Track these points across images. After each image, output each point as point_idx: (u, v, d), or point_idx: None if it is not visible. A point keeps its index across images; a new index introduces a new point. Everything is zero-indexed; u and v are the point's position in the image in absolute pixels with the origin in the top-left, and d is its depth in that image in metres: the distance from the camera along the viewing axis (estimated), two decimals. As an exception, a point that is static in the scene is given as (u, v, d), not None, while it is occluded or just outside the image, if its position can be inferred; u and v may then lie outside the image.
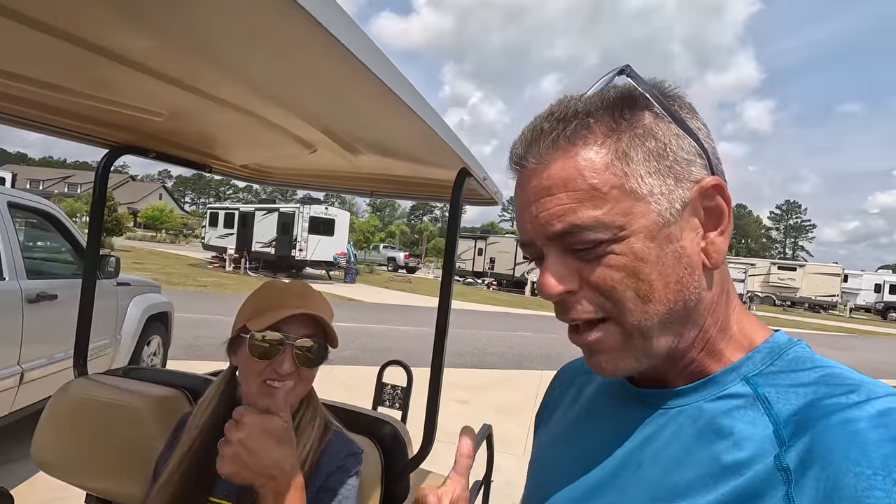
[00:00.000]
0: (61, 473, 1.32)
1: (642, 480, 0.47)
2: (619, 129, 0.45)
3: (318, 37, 0.62)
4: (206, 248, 23.47)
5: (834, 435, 0.38)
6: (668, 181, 0.45)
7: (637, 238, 0.44)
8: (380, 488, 1.15)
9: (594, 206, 0.44)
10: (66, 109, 1.22)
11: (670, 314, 0.46)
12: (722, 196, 0.46)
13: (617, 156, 0.45)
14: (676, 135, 0.46)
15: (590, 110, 0.46)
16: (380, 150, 1.39)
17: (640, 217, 0.44)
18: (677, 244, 0.45)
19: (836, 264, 33.81)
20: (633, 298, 0.45)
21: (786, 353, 0.47)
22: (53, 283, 3.29)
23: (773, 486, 0.39)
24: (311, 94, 0.98)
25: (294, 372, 0.94)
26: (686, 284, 0.46)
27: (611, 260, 0.45)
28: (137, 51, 0.83)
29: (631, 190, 0.44)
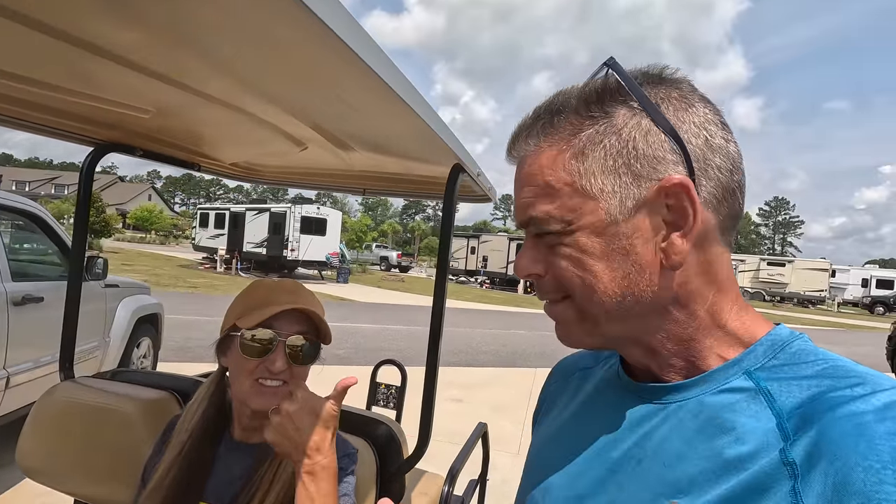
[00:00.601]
0: (48, 479, 1.29)
1: (643, 476, 0.46)
2: (582, 127, 0.47)
3: (310, 27, 0.60)
4: (196, 249, 23.27)
5: (841, 428, 0.37)
6: (625, 179, 0.46)
7: (583, 233, 0.47)
8: (375, 489, 1.14)
9: (548, 201, 0.48)
10: (48, 106, 1.18)
11: (619, 306, 0.48)
12: (688, 195, 0.45)
13: (573, 154, 0.47)
14: (646, 131, 0.45)
15: (561, 108, 0.49)
16: (372, 147, 1.37)
17: (588, 214, 0.47)
18: (625, 241, 0.46)
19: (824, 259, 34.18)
20: (579, 286, 0.48)
21: (788, 347, 0.46)
22: (40, 286, 3.23)
23: (778, 481, 0.38)
24: (302, 89, 0.96)
25: (287, 370, 0.93)
26: (634, 281, 0.47)
27: (562, 250, 0.49)
28: (122, 45, 0.80)
29: (581, 188, 0.47)
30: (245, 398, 0.93)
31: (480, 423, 1.85)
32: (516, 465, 3.55)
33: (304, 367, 0.96)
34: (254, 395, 0.92)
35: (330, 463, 0.84)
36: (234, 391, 0.96)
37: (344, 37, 0.62)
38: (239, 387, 0.93)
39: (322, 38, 0.62)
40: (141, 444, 1.17)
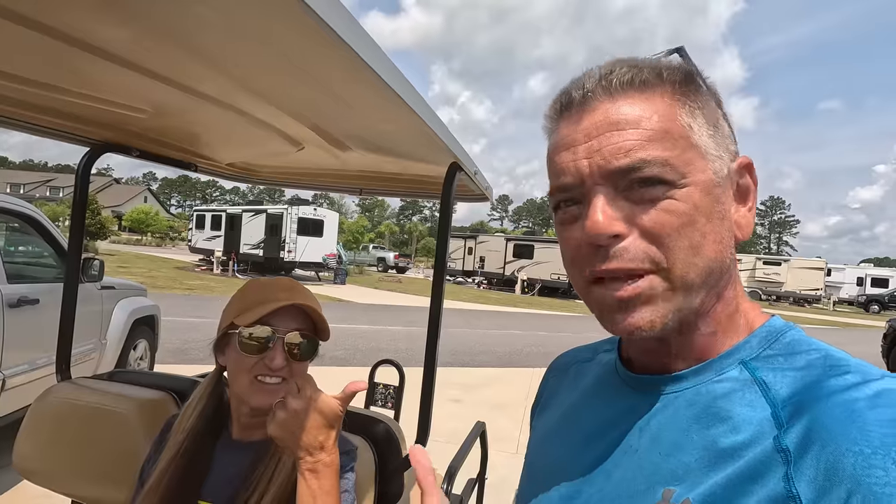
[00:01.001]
0: (45, 481, 1.28)
1: (640, 465, 0.47)
2: (686, 89, 0.47)
3: (308, 26, 0.59)
4: (193, 250, 23.19)
5: (833, 415, 0.38)
6: (720, 147, 0.47)
7: (696, 189, 0.45)
8: (374, 487, 1.14)
9: (664, 147, 0.44)
10: (44, 106, 1.18)
11: (710, 272, 0.46)
12: (751, 175, 0.49)
13: (686, 110, 0.46)
14: (723, 114, 0.49)
15: (660, 67, 0.48)
16: (369, 146, 1.37)
17: (700, 172, 0.45)
18: (723, 206, 0.47)
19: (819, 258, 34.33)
20: (685, 248, 0.44)
21: (782, 337, 0.47)
22: (35, 288, 3.21)
23: (772, 468, 0.39)
24: (299, 88, 0.96)
25: (286, 366, 0.93)
26: (727, 245, 0.47)
27: (670, 205, 0.44)
28: (119, 44, 0.80)
29: (695, 144, 0.46)
30: (244, 396, 0.92)
31: (479, 422, 1.85)
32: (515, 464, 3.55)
33: (303, 363, 0.96)
34: (253, 393, 0.91)
35: (333, 460, 0.84)
36: (233, 389, 0.96)
37: (343, 34, 0.62)
38: (238, 384, 0.93)
39: (320, 36, 0.62)
40: (139, 444, 1.17)
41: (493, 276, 26.59)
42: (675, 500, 0.43)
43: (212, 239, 21.43)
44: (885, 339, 8.17)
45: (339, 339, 8.10)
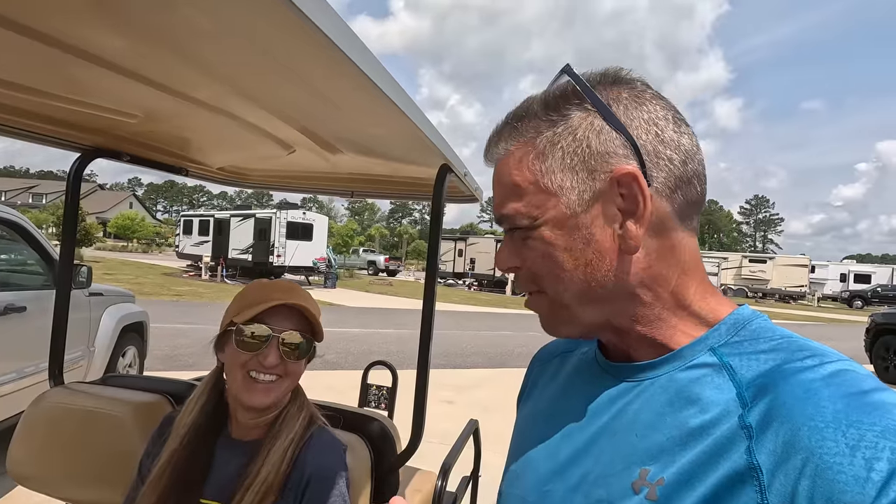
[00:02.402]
0: (41, 486, 1.28)
1: (617, 446, 0.50)
2: (542, 130, 0.52)
3: (298, 29, 0.61)
4: (180, 256, 22.93)
5: (792, 394, 0.42)
6: (581, 175, 0.50)
7: (547, 227, 0.52)
8: (370, 484, 1.15)
9: (516, 199, 0.53)
10: (34, 112, 1.18)
11: (587, 291, 0.52)
12: (637, 184, 0.49)
13: (535, 156, 0.52)
14: (598, 130, 0.50)
15: (525, 113, 0.53)
16: (359, 149, 1.39)
17: (551, 209, 0.51)
18: (585, 231, 0.51)
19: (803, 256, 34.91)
20: (549, 275, 0.53)
21: (749, 325, 0.50)
22: (22, 295, 3.17)
23: (736, 443, 0.43)
24: (289, 92, 0.98)
25: (280, 364, 0.94)
26: (596, 267, 0.51)
27: (530, 244, 0.53)
28: (110, 50, 0.81)
29: (544, 186, 0.51)
30: (237, 393, 0.94)
31: (471, 419, 1.87)
32: (508, 463, 3.56)
33: (298, 363, 0.98)
34: (245, 390, 0.93)
35: None
36: (228, 386, 0.97)
37: (333, 37, 0.63)
38: (232, 381, 0.95)
39: (310, 39, 0.63)
40: (134, 446, 1.17)
41: (483, 278, 26.64)
42: (650, 478, 0.46)
43: (200, 244, 21.21)
44: (867, 334, 8.33)
45: (331, 342, 8.08)
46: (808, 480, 0.38)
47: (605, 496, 0.49)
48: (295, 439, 0.96)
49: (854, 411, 0.39)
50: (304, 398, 1.05)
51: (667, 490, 0.45)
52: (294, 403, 1.01)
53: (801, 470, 0.39)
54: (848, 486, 0.37)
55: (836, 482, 0.37)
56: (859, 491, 0.36)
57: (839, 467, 0.37)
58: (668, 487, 0.45)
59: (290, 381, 0.98)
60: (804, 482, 0.38)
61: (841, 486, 0.37)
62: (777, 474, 0.40)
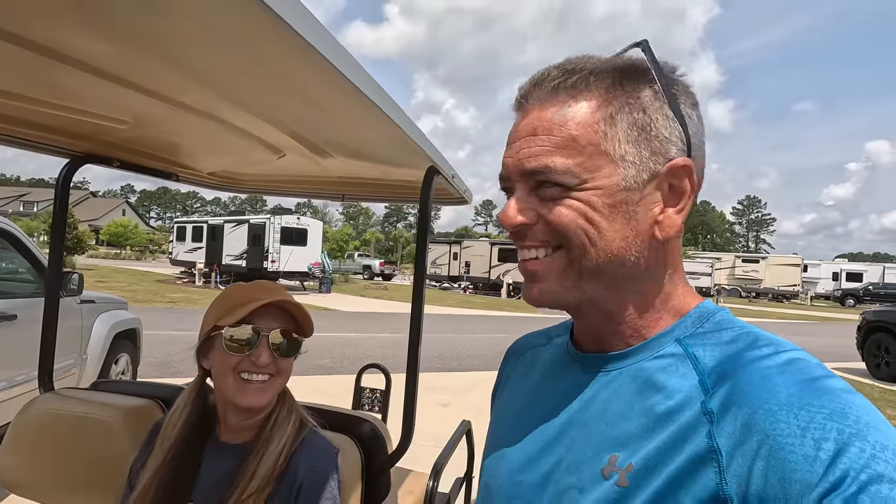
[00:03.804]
0: (31, 493, 1.28)
1: (589, 435, 0.52)
2: (614, 94, 0.50)
3: (285, 38, 0.62)
4: (174, 263, 22.81)
5: (750, 380, 0.44)
6: (644, 152, 0.50)
7: (595, 192, 0.50)
8: (360, 485, 1.16)
9: (569, 154, 0.49)
10: (22, 118, 1.18)
11: (608, 265, 0.51)
12: (689, 178, 0.51)
13: (603, 117, 0.50)
14: (666, 115, 0.50)
15: (596, 70, 0.51)
16: (349, 153, 1.40)
17: (605, 177, 0.49)
18: (631, 207, 0.50)
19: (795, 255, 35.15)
20: (580, 236, 0.50)
21: (712, 317, 0.53)
22: (12, 303, 3.15)
23: (698, 428, 0.45)
24: (278, 97, 0.99)
25: (272, 363, 0.95)
26: (629, 244, 0.51)
27: (568, 202, 0.50)
28: (99, 56, 0.82)
29: (605, 151, 0.49)
30: (230, 396, 0.94)
31: (464, 420, 1.88)
32: (503, 465, 3.56)
33: (289, 359, 0.99)
34: (238, 392, 0.93)
35: None
36: (219, 391, 0.97)
37: (316, 45, 0.65)
38: (224, 385, 0.95)
39: (297, 48, 0.65)
40: (125, 451, 1.17)
41: (478, 281, 26.66)
42: (619, 464, 0.48)
43: (193, 251, 21.11)
44: (859, 332, 8.40)
45: (326, 347, 8.05)
46: (762, 461, 0.40)
47: (576, 483, 0.50)
48: (287, 443, 0.97)
49: (805, 395, 0.41)
50: (293, 400, 1.05)
51: (635, 476, 0.46)
52: (283, 406, 1.01)
53: (756, 451, 0.41)
54: (798, 464, 0.39)
55: (788, 461, 0.39)
56: (808, 469, 0.38)
57: (791, 447, 0.39)
58: (637, 473, 0.46)
59: (281, 379, 0.98)
60: (759, 462, 0.40)
61: (792, 465, 0.39)
62: (735, 455, 0.42)
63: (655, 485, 0.45)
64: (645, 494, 0.45)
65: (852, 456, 0.38)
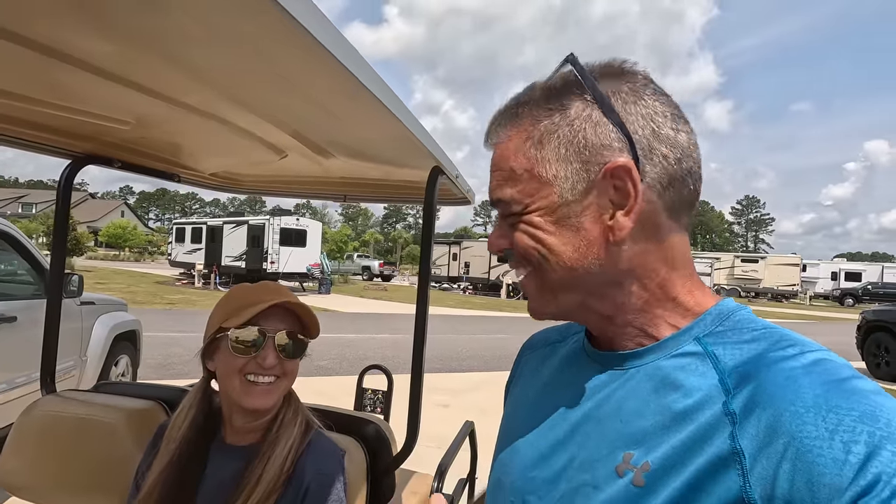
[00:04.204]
0: (34, 496, 1.27)
1: (603, 432, 0.51)
2: (541, 119, 0.52)
3: (290, 34, 0.62)
4: (173, 264, 22.78)
5: (774, 381, 0.43)
6: (575, 165, 0.51)
7: (539, 213, 0.53)
8: (366, 486, 1.15)
9: (511, 185, 0.54)
10: (23, 119, 1.18)
11: (571, 276, 0.53)
12: (630, 178, 0.49)
13: (533, 143, 0.52)
14: (597, 122, 0.50)
15: (526, 101, 0.54)
16: (351, 153, 1.39)
17: (544, 197, 0.52)
18: (575, 220, 0.52)
19: (794, 255, 35.20)
20: (537, 258, 0.54)
21: (732, 316, 0.52)
22: (12, 305, 3.14)
23: (720, 429, 0.44)
24: (281, 97, 0.98)
25: (278, 365, 0.94)
26: (583, 254, 0.52)
27: (521, 227, 0.54)
28: (101, 56, 0.81)
29: (538, 174, 0.52)
30: (236, 398, 0.93)
31: (467, 421, 1.87)
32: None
33: (295, 360, 0.98)
34: (244, 394, 0.93)
35: None
36: (225, 393, 0.97)
37: (323, 41, 0.64)
38: (230, 387, 0.94)
39: (300, 44, 0.64)
40: (128, 453, 1.16)
41: (478, 282, 26.66)
42: (634, 462, 0.47)
43: (192, 252, 21.09)
44: (858, 331, 8.41)
45: (326, 348, 8.04)
46: (788, 463, 0.39)
47: (590, 480, 0.50)
48: (294, 446, 0.96)
49: (833, 397, 0.40)
50: (298, 402, 1.04)
51: (652, 476, 0.46)
52: (289, 408, 1.01)
53: (782, 454, 0.40)
54: (827, 468, 0.38)
55: (816, 465, 0.38)
56: (837, 473, 0.37)
57: (819, 450, 0.39)
58: (654, 473, 0.46)
59: (287, 380, 0.98)
60: (785, 465, 0.40)
61: (820, 469, 0.38)
62: (759, 458, 0.41)
63: (674, 486, 0.44)
64: (663, 496, 0.44)
65: (884, 460, 0.37)
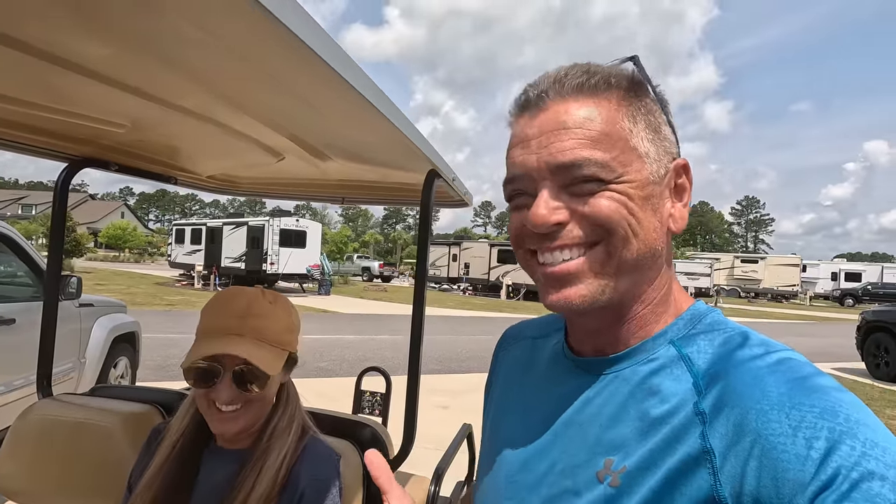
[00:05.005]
0: (31, 500, 1.27)
1: (583, 438, 0.52)
2: (630, 97, 0.52)
3: (284, 41, 0.62)
4: (172, 265, 22.78)
5: (741, 380, 0.45)
6: (660, 150, 0.53)
7: (631, 185, 0.50)
8: (362, 491, 1.15)
9: (604, 148, 0.49)
10: (20, 123, 1.18)
11: (644, 257, 0.51)
12: (687, 175, 0.55)
13: (629, 116, 0.51)
14: (665, 121, 0.55)
15: (613, 74, 0.53)
16: (348, 156, 1.39)
17: (637, 171, 0.51)
18: (657, 200, 0.52)
19: (794, 255, 35.20)
20: (624, 227, 0.50)
21: (704, 318, 0.54)
22: (11, 307, 3.14)
23: (691, 429, 0.45)
24: (278, 100, 0.99)
25: (238, 396, 0.89)
26: (659, 235, 0.52)
27: (609, 195, 0.49)
28: (96, 59, 0.81)
29: (634, 147, 0.51)
30: (207, 420, 0.92)
31: (465, 424, 1.87)
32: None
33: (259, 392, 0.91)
34: (211, 420, 0.91)
35: None
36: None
37: (317, 49, 0.65)
38: (200, 408, 0.92)
39: (296, 50, 0.64)
40: (124, 457, 1.16)
41: (478, 282, 26.66)
42: (614, 467, 0.48)
43: (192, 253, 21.09)
44: (858, 331, 8.40)
45: (325, 350, 8.04)
46: (755, 461, 0.41)
47: (571, 486, 0.51)
48: (288, 454, 0.94)
49: (796, 394, 0.42)
50: (296, 405, 1.02)
51: (627, 476, 0.47)
52: (284, 414, 0.99)
53: (749, 451, 0.41)
54: (790, 463, 0.39)
55: (780, 461, 0.39)
56: (800, 468, 0.38)
57: (783, 447, 0.40)
58: (629, 474, 0.47)
59: (256, 406, 0.93)
60: (752, 462, 0.41)
61: (784, 465, 0.39)
62: (728, 457, 0.42)
63: (649, 485, 0.45)
64: (638, 495, 0.45)
65: (843, 454, 0.38)
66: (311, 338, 7.94)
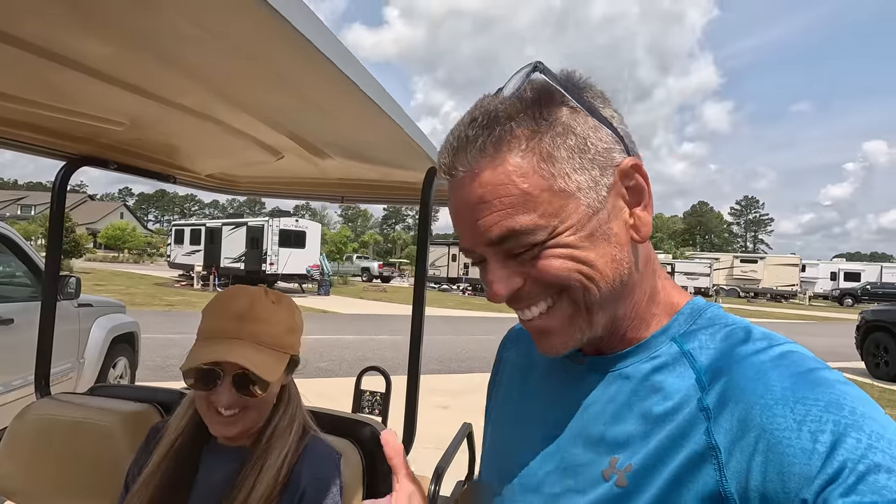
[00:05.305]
0: (29, 500, 1.26)
1: (587, 437, 0.52)
2: (541, 130, 0.47)
3: (285, 37, 0.61)
4: (172, 266, 22.77)
5: (744, 375, 0.44)
6: (593, 172, 0.48)
7: (569, 232, 0.47)
8: (362, 490, 1.15)
9: (528, 209, 0.46)
10: (17, 120, 1.17)
11: (609, 290, 0.49)
12: (640, 174, 0.50)
13: (542, 158, 0.46)
14: (593, 126, 0.48)
15: (511, 114, 0.47)
16: (348, 154, 1.39)
17: (572, 213, 0.47)
18: (606, 226, 0.49)
19: (793, 255, 35.25)
20: (577, 278, 0.48)
21: (704, 313, 0.53)
22: (9, 307, 3.14)
23: (696, 425, 0.45)
24: (277, 98, 0.98)
25: (237, 401, 0.89)
26: (620, 261, 0.49)
27: (550, 254, 0.48)
28: (95, 57, 0.81)
29: (560, 189, 0.47)
30: (205, 422, 0.91)
31: (465, 423, 1.86)
32: (504, 467, 3.54)
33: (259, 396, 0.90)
34: (210, 423, 0.90)
35: None
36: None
37: (319, 45, 0.64)
38: (199, 409, 0.92)
39: (296, 46, 0.64)
40: (123, 457, 1.16)
41: (477, 283, 26.64)
42: (619, 465, 0.48)
43: (191, 254, 21.08)
44: (857, 331, 8.41)
45: (325, 350, 8.03)
46: (761, 456, 0.40)
47: (574, 485, 0.51)
48: (289, 454, 0.94)
49: (800, 388, 0.41)
50: (297, 405, 1.02)
51: (634, 476, 0.46)
52: (285, 413, 0.98)
53: (754, 446, 0.41)
54: (796, 458, 0.39)
55: (786, 455, 0.39)
56: (806, 462, 0.38)
57: (788, 441, 0.39)
58: (636, 473, 0.46)
59: (256, 409, 0.92)
60: (758, 457, 0.40)
61: (790, 459, 0.39)
62: (734, 452, 0.42)
63: (656, 484, 0.45)
64: (646, 494, 0.45)
65: (849, 447, 0.38)
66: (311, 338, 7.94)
